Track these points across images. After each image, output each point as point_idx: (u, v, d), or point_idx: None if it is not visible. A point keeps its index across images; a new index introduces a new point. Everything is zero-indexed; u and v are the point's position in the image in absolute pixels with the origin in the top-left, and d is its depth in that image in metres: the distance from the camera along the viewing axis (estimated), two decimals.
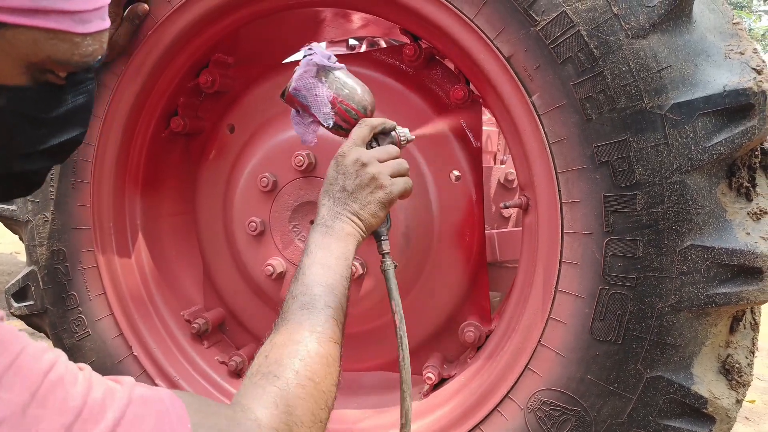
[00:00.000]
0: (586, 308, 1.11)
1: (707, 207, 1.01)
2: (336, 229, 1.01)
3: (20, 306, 1.66)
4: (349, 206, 1.04)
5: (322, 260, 0.97)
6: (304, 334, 0.86)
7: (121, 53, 1.46)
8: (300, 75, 1.12)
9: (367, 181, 1.05)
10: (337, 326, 0.91)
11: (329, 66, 1.12)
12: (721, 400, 1.04)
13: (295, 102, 1.15)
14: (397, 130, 1.16)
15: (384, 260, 1.10)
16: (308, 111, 1.14)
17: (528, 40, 1.09)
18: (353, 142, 1.09)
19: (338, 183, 1.06)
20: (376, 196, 1.05)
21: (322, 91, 1.11)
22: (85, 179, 1.55)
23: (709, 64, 1.01)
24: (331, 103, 1.11)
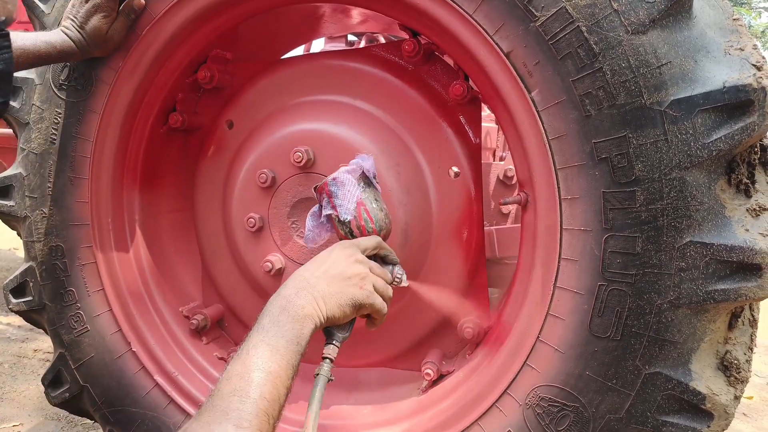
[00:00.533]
0: (584, 305, 1.11)
1: (706, 203, 1.01)
2: (295, 308, 0.95)
3: (18, 302, 1.66)
4: (318, 288, 0.99)
5: (272, 341, 0.89)
6: (227, 427, 0.77)
7: (117, 48, 1.45)
8: (345, 170, 1.20)
9: (351, 273, 1.02)
10: (268, 422, 0.82)
11: (371, 179, 1.21)
12: (720, 396, 1.04)
13: (324, 191, 1.20)
14: (396, 268, 1.19)
15: (323, 364, 1.03)
16: (332, 202, 1.18)
17: (527, 35, 1.09)
18: (357, 244, 1.10)
19: (324, 265, 1.03)
20: (352, 292, 1.02)
21: (355, 191, 1.18)
22: (83, 175, 1.55)
23: (708, 60, 1.01)
24: (357, 204, 1.16)
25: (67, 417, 2.40)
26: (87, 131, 1.53)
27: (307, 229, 1.25)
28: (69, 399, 1.66)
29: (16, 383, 2.76)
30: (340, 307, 1.01)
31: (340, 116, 1.52)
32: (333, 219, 1.20)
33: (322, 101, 1.56)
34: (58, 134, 1.55)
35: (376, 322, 1.11)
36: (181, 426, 0.80)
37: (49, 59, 1.39)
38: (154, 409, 1.56)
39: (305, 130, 1.51)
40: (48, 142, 1.56)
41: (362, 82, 1.53)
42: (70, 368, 1.62)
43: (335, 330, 1.08)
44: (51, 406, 1.76)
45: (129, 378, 1.58)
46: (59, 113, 1.54)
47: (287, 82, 1.61)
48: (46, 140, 1.56)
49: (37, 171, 1.58)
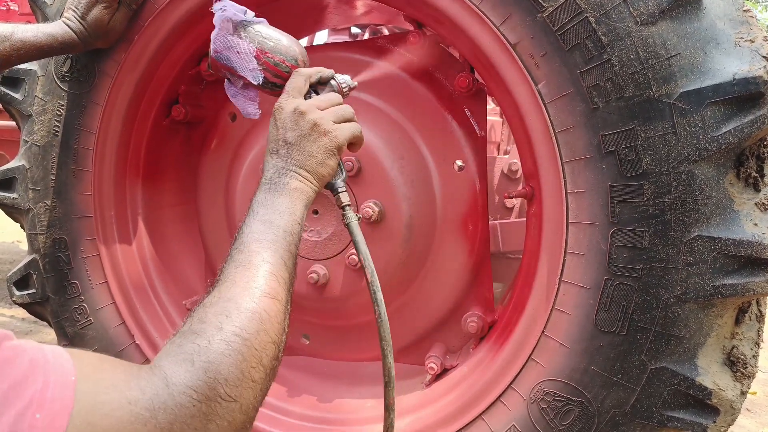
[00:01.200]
0: (590, 299, 1.10)
1: (715, 197, 1.00)
2: (281, 185, 0.94)
3: (22, 294, 1.66)
4: (293, 159, 0.96)
5: (264, 217, 0.89)
6: (236, 291, 0.78)
7: (119, 39, 1.44)
8: (216, 35, 1.03)
9: (308, 129, 0.97)
10: (277, 282, 0.82)
11: (246, 20, 1.04)
12: (726, 391, 1.04)
13: (220, 67, 1.05)
14: (337, 78, 1.08)
15: (345, 213, 1.01)
16: (236, 74, 1.04)
17: (534, 26, 1.07)
18: (289, 94, 1.02)
19: (279, 138, 0.98)
20: (321, 144, 0.98)
21: (244, 47, 1.02)
22: (86, 167, 1.54)
23: (718, 51, 0.99)
24: (257, 58, 1.02)
25: None
26: (90, 123, 1.52)
27: (240, 108, 1.12)
28: None
29: None
30: (322, 165, 0.98)
31: None
32: (251, 85, 1.07)
33: None
34: (61, 126, 1.54)
35: (357, 144, 1.06)
36: None
37: (50, 51, 1.38)
38: None
39: None
40: (51, 134, 1.56)
41: (366, 75, 1.51)
42: None
43: (331, 182, 1.03)
44: None
45: None
46: (62, 105, 1.53)
47: None
48: (49, 132, 1.56)
49: (40, 163, 1.58)
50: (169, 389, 0.64)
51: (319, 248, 1.52)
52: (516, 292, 1.34)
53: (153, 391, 0.63)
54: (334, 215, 1.47)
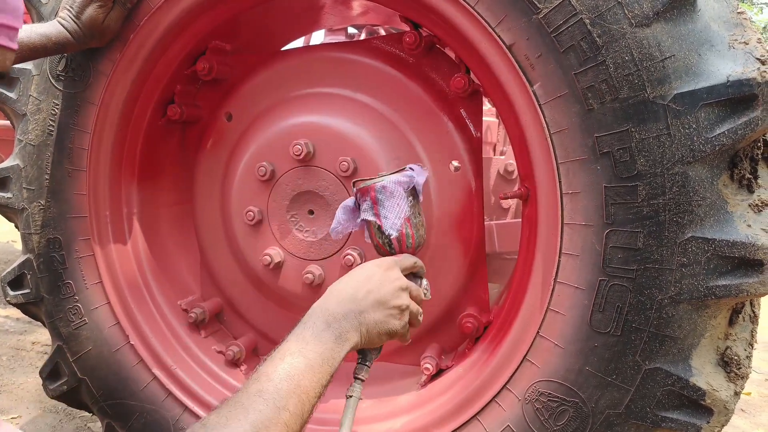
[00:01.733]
0: (585, 300, 1.10)
1: (708, 198, 1.00)
2: (341, 329, 0.95)
3: (16, 294, 1.65)
4: (364, 314, 0.98)
5: (310, 356, 0.88)
6: (245, 424, 0.76)
7: (115, 38, 1.44)
8: (397, 180, 1.13)
9: (395, 304, 1.02)
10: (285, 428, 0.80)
11: (418, 194, 1.17)
12: (720, 392, 1.04)
13: (369, 196, 1.13)
14: (424, 282, 1.17)
15: (354, 386, 1.04)
16: (375, 210, 1.12)
17: (530, 28, 1.08)
18: (399, 264, 1.08)
19: (368, 284, 1.01)
20: (393, 324, 1.02)
21: (403, 206, 1.12)
22: (81, 167, 1.54)
23: (712, 53, 1.00)
24: (403, 220, 1.12)
25: (65, 409, 2.40)
26: (85, 123, 1.51)
27: (335, 222, 1.19)
28: (67, 391, 1.65)
29: (14, 376, 2.76)
30: (379, 336, 1.02)
31: (340, 109, 1.51)
32: (372, 226, 1.15)
33: (322, 94, 1.55)
34: (56, 126, 1.53)
35: (403, 342, 1.13)
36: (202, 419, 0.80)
37: (45, 51, 1.37)
38: (153, 402, 1.56)
39: (305, 123, 1.50)
40: (45, 134, 1.55)
41: (363, 75, 1.51)
42: (68, 361, 1.62)
43: (369, 351, 1.08)
44: (49, 399, 1.75)
45: (127, 371, 1.57)
46: (57, 104, 1.53)
47: (287, 74, 1.60)
48: (44, 132, 1.55)
49: (34, 162, 1.57)
50: None
51: (315, 249, 1.52)
52: (511, 292, 1.34)
53: None
54: (330, 215, 1.47)
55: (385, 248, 1.15)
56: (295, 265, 1.54)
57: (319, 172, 1.48)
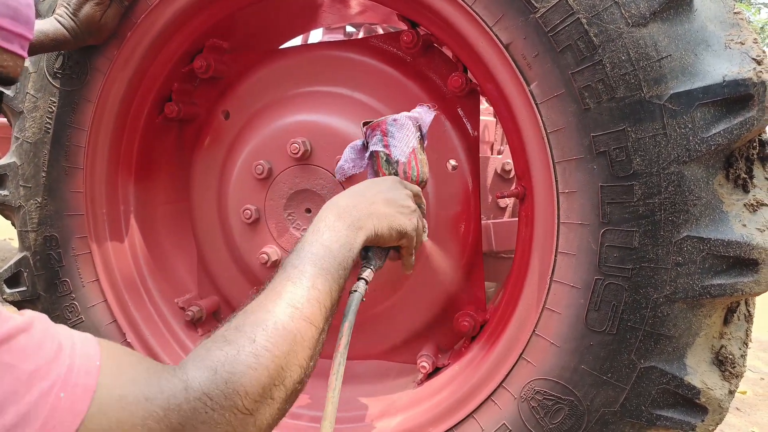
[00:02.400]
0: (581, 298, 1.10)
1: (704, 198, 1.00)
2: (352, 218, 0.96)
3: (12, 292, 1.65)
4: (376, 207, 1.00)
5: (327, 242, 0.90)
6: (280, 305, 0.79)
7: (112, 36, 1.44)
8: (407, 115, 1.18)
9: (404, 204, 1.04)
10: (320, 310, 0.83)
11: (424, 132, 1.21)
12: (714, 390, 1.05)
13: (380, 128, 1.16)
14: (424, 221, 1.20)
15: (358, 284, 1.02)
16: (385, 141, 1.15)
17: (527, 27, 1.08)
18: (404, 184, 1.11)
19: (378, 185, 1.04)
20: (402, 219, 1.03)
21: (412, 137, 1.16)
22: (77, 165, 1.54)
23: (709, 53, 1.00)
24: (411, 150, 1.16)
25: None
26: (82, 120, 1.51)
27: (343, 159, 1.21)
28: None
29: None
30: (390, 229, 1.01)
31: (338, 107, 1.51)
32: (379, 157, 1.17)
33: (320, 92, 1.55)
34: (53, 123, 1.53)
35: (408, 262, 1.12)
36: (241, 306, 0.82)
37: (41, 48, 1.37)
38: None
39: (302, 122, 1.51)
40: (42, 132, 1.55)
41: (360, 74, 1.51)
42: None
43: (373, 254, 1.06)
44: None
45: None
46: (53, 102, 1.53)
47: (284, 72, 1.60)
48: (41, 129, 1.55)
49: (31, 160, 1.57)
50: (186, 393, 0.66)
51: None
52: (507, 291, 1.35)
53: (171, 391, 0.66)
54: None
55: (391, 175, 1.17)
56: None
57: (317, 171, 1.48)
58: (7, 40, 0.75)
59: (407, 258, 1.12)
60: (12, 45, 0.76)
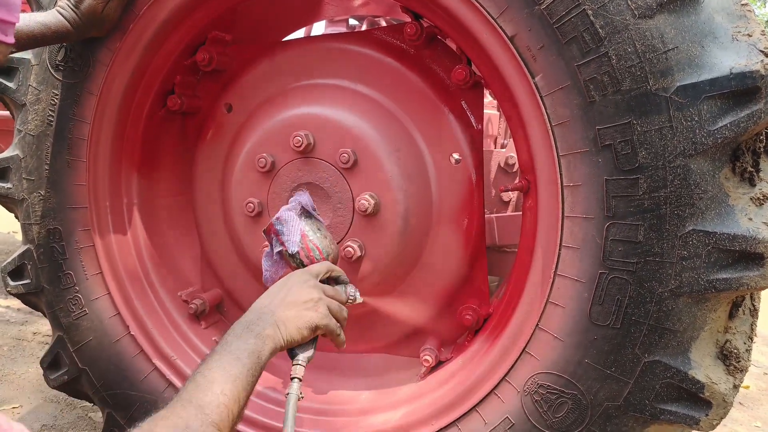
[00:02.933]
0: (585, 292, 1.10)
1: (710, 192, 1.00)
2: (257, 328, 1.02)
3: (16, 285, 1.65)
4: (278, 314, 1.06)
5: (235, 351, 0.96)
6: (189, 412, 0.84)
7: (114, 28, 1.43)
8: (285, 209, 1.30)
9: (306, 299, 1.10)
10: (228, 416, 0.88)
11: (311, 212, 1.32)
12: (719, 385, 1.04)
13: (271, 231, 1.28)
14: (348, 288, 1.26)
15: (291, 385, 1.08)
16: (279, 239, 1.26)
17: (532, 18, 1.07)
18: (309, 271, 1.18)
19: (280, 292, 1.11)
20: (308, 315, 1.09)
21: (297, 225, 1.27)
22: (80, 157, 1.53)
23: (716, 45, 0.99)
24: (301, 236, 1.25)
25: (66, 399, 2.41)
26: (84, 113, 1.51)
27: (264, 270, 1.32)
28: (68, 382, 1.66)
29: (15, 366, 2.77)
30: (298, 330, 1.07)
31: (341, 100, 1.50)
32: (284, 255, 1.27)
33: (323, 85, 1.54)
34: (55, 116, 1.53)
35: (336, 341, 1.18)
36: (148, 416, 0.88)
37: (43, 40, 1.36)
38: (153, 392, 1.57)
39: (305, 114, 1.50)
40: (45, 124, 1.55)
41: (363, 66, 1.51)
42: (69, 351, 1.62)
43: (298, 351, 1.13)
44: (50, 389, 1.76)
45: (127, 361, 1.58)
46: (56, 94, 1.52)
47: (287, 65, 1.59)
48: (43, 122, 1.55)
49: (34, 153, 1.57)
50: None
51: None
52: (511, 285, 1.34)
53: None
54: (330, 207, 1.46)
55: (298, 268, 1.25)
56: None
57: (320, 164, 1.47)
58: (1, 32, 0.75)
59: (335, 338, 1.17)
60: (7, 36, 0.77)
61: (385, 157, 1.42)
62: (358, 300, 1.26)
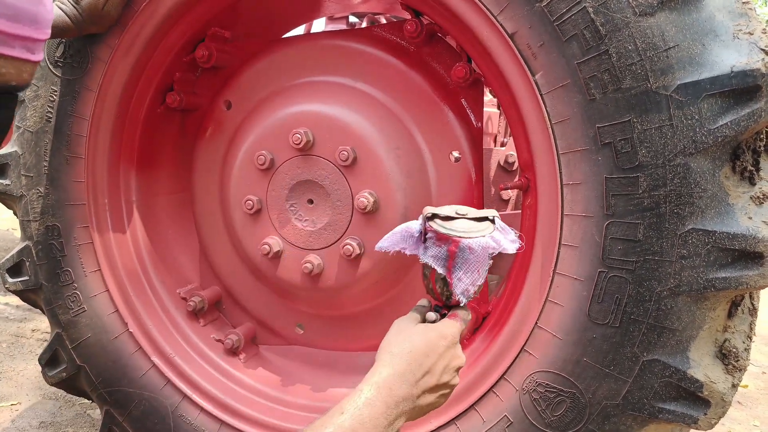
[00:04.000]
0: (584, 291, 1.10)
1: (710, 190, 0.99)
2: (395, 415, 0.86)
3: (15, 281, 1.65)
4: (421, 400, 0.90)
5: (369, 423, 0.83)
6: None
7: (114, 24, 1.43)
8: (485, 245, 0.93)
9: (448, 384, 0.93)
10: None
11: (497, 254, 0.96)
12: (717, 384, 1.04)
13: (447, 248, 0.94)
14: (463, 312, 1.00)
15: None
16: (449, 265, 0.93)
17: (532, 16, 1.06)
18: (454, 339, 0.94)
19: (431, 362, 0.91)
20: (440, 403, 0.94)
21: (482, 275, 0.95)
22: (79, 154, 1.53)
23: (717, 43, 0.99)
24: (476, 289, 0.95)
25: (64, 396, 2.41)
26: (83, 109, 1.51)
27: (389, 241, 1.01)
28: (66, 378, 1.66)
29: (14, 362, 2.77)
30: (423, 413, 0.94)
31: (341, 98, 1.50)
32: (434, 273, 0.96)
33: (322, 82, 1.54)
34: (54, 112, 1.53)
35: None
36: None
37: None
38: (151, 389, 1.57)
39: (305, 112, 1.49)
40: (43, 120, 1.54)
41: (363, 63, 1.50)
42: (67, 348, 1.62)
43: None
44: (49, 386, 1.76)
45: (126, 359, 1.58)
46: (55, 91, 1.52)
47: (287, 62, 1.58)
48: (42, 118, 1.54)
49: (32, 149, 1.56)
50: None
51: (314, 238, 1.51)
52: (510, 283, 1.34)
53: None
54: (329, 205, 1.46)
55: (441, 299, 0.99)
56: (294, 254, 1.54)
57: (319, 161, 1.47)
58: (5, 44, 0.69)
59: None
60: (12, 49, 0.70)
61: (385, 154, 1.42)
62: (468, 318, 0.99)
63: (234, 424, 1.50)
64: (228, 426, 1.50)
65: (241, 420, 1.50)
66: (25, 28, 0.72)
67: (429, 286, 0.99)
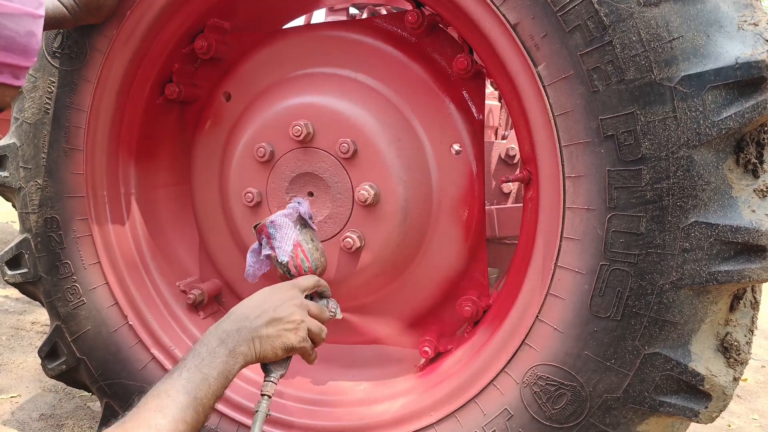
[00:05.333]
0: (585, 284, 1.09)
1: (713, 183, 0.99)
2: (232, 343, 1.01)
3: (14, 274, 1.64)
4: (257, 329, 1.05)
5: (206, 369, 0.96)
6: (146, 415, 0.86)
7: (112, 15, 1.41)
8: (282, 214, 1.26)
9: (290, 319, 1.08)
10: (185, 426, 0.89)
11: (308, 222, 1.28)
12: (719, 377, 1.04)
13: (263, 232, 1.25)
14: (331, 303, 1.25)
15: (260, 402, 1.08)
16: (270, 243, 1.23)
17: (535, 6, 1.05)
18: (297, 285, 1.15)
19: (265, 304, 1.08)
20: (287, 337, 1.07)
21: (291, 233, 1.23)
22: (77, 146, 1.52)
23: (721, 35, 0.98)
24: (293, 246, 1.22)
25: (64, 389, 2.42)
26: (81, 101, 1.49)
27: (247, 266, 1.30)
28: (66, 371, 1.66)
29: (14, 355, 2.77)
30: (273, 350, 1.06)
31: (341, 89, 1.48)
32: (272, 259, 1.25)
33: (323, 74, 1.52)
34: (52, 104, 1.51)
35: (307, 360, 1.17)
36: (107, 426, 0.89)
37: None
38: (151, 381, 1.56)
39: (305, 104, 1.48)
40: (42, 112, 1.53)
41: (363, 55, 1.49)
42: (67, 341, 1.62)
43: (272, 367, 1.12)
44: (49, 378, 1.76)
45: (125, 351, 1.57)
46: (53, 82, 1.51)
47: (287, 53, 1.57)
48: (40, 110, 1.53)
49: (31, 141, 1.55)
50: None
51: None
52: (511, 276, 1.34)
53: None
54: (329, 198, 1.45)
55: (286, 276, 1.23)
56: None
57: (319, 154, 1.46)
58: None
59: (305, 358, 1.16)
60: (0, 76, 0.75)
61: (385, 147, 1.41)
62: (338, 316, 1.26)
63: (234, 416, 1.50)
64: (228, 418, 1.50)
65: (241, 412, 1.50)
66: (15, 57, 0.76)
67: (279, 276, 1.25)
